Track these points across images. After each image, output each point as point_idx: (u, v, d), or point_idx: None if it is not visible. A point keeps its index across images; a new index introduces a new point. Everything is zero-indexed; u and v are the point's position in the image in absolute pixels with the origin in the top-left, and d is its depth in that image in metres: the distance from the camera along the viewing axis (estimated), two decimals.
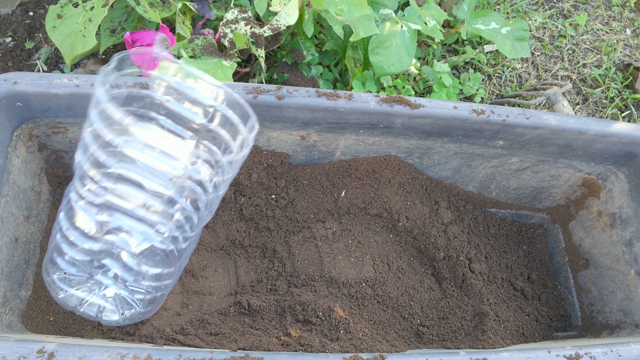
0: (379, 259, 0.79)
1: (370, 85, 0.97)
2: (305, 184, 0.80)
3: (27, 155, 0.66)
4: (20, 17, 1.06)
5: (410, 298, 0.78)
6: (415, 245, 0.83)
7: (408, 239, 0.83)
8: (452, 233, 0.82)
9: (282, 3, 0.80)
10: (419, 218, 0.82)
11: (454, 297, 0.80)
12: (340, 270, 0.77)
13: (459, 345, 0.75)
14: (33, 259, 0.68)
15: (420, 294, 0.79)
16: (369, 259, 0.78)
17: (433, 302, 0.79)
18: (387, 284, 0.77)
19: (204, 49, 0.81)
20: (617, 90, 1.24)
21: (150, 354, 0.52)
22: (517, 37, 1.00)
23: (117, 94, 0.54)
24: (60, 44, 0.81)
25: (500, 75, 1.21)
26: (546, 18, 1.30)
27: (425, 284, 0.80)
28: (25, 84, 0.60)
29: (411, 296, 0.78)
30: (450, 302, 0.79)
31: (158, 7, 0.83)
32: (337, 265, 0.77)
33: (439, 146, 0.75)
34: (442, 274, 0.81)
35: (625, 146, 0.74)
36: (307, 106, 0.65)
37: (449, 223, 0.83)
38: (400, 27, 0.89)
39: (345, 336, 0.67)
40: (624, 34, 1.32)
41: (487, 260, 0.84)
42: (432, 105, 0.68)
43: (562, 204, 0.88)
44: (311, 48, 0.94)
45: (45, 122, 0.65)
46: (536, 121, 0.70)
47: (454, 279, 0.81)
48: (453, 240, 0.82)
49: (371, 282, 0.77)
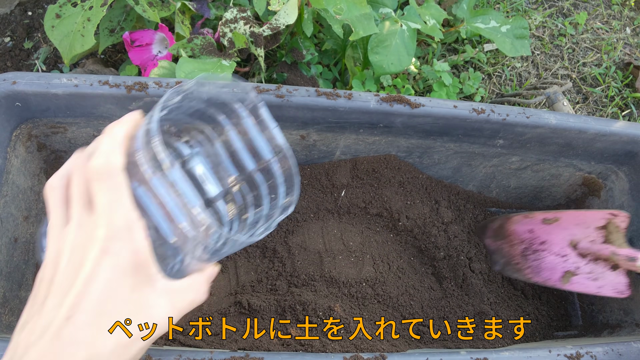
0: (379, 258, 0.79)
1: (369, 85, 0.97)
2: (305, 183, 0.80)
3: (26, 156, 0.66)
4: (18, 17, 1.05)
5: (410, 297, 0.78)
6: (416, 244, 0.83)
7: (408, 238, 0.83)
8: (453, 232, 0.82)
9: (281, 2, 0.80)
10: (419, 217, 0.82)
11: (454, 297, 0.79)
12: (340, 270, 0.77)
13: (460, 345, 0.75)
14: (32, 259, 0.67)
15: (420, 293, 0.79)
16: (369, 259, 0.78)
17: (433, 302, 0.79)
18: (387, 284, 0.77)
19: (203, 49, 0.81)
20: (617, 89, 1.24)
21: (150, 354, 0.52)
22: (517, 36, 0.99)
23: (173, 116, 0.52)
24: (58, 43, 0.81)
25: (500, 74, 1.21)
26: (546, 17, 1.30)
27: (425, 283, 0.80)
28: (24, 83, 0.60)
29: (411, 296, 0.78)
30: (450, 302, 0.79)
31: (157, 7, 0.83)
32: (337, 265, 0.77)
33: (439, 145, 0.75)
34: (443, 273, 0.81)
35: (625, 145, 0.74)
36: (306, 105, 0.65)
37: (450, 222, 0.83)
38: (399, 26, 0.89)
39: (346, 336, 0.67)
40: (624, 32, 1.32)
41: (488, 260, 0.84)
42: (432, 104, 0.68)
43: (563, 203, 0.88)
44: (310, 47, 0.94)
45: (45, 122, 0.65)
46: (536, 120, 0.69)
47: (455, 279, 0.81)
48: (453, 239, 0.82)
49: (371, 281, 0.77)
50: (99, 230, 0.39)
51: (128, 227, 0.40)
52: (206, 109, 0.52)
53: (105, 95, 0.61)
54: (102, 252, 0.39)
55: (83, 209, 0.41)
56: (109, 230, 0.39)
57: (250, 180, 0.54)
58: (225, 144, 0.54)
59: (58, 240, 0.41)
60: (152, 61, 0.88)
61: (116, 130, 0.43)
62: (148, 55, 0.89)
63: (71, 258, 0.39)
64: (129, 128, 0.43)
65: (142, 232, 0.41)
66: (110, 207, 0.40)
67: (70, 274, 0.39)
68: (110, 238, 0.39)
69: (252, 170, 0.53)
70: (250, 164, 0.54)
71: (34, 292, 0.41)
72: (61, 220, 0.42)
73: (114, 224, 0.40)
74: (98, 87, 0.61)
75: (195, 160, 0.56)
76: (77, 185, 0.42)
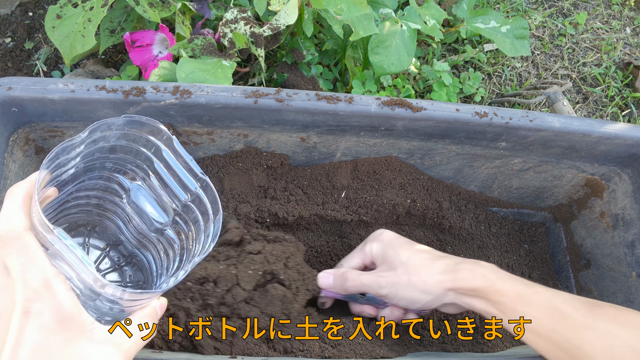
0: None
1: (370, 85, 0.96)
2: (305, 184, 0.80)
3: (24, 160, 0.66)
4: (19, 18, 1.05)
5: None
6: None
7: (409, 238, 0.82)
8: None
9: (282, 3, 0.79)
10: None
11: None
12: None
13: (459, 349, 0.75)
14: None
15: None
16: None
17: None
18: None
19: (204, 49, 0.80)
20: (617, 89, 1.23)
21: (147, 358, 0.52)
22: (517, 36, 0.99)
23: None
24: (59, 44, 0.81)
25: (500, 74, 1.21)
26: (546, 17, 1.29)
27: None
28: (20, 89, 0.59)
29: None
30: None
31: (157, 7, 0.82)
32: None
33: (441, 147, 0.75)
34: None
35: (630, 148, 0.73)
36: (306, 109, 0.65)
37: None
38: (399, 26, 0.88)
39: (345, 341, 0.67)
40: (624, 32, 1.32)
41: (489, 260, 0.84)
42: (434, 107, 0.67)
43: (565, 203, 0.88)
44: (311, 48, 0.93)
45: (42, 127, 0.64)
46: (540, 123, 0.69)
47: None
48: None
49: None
50: (17, 294, 0.39)
51: (46, 284, 0.39)
52: (129, 144, 0.54)
53: (102, 100, 0.61)
54: (24, 315, 0.38)
55: (1, 274, 0.40)
56: (27, 291, 0.39)
57: (186, 209, 0.57)
58: (157, 176, 0.57)
59: None
60: (153, 61, 0.88)
61: (16, 192, 0.42)
62: (149, 56, 0.88)
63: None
64: (29, 187, 0.43)
65: (62, 285, 0.40)
66: (23, 268, 0.39)
67: None
68: (29, 299, 0.39)
69: (186, 200, 0.56)
70: (182, 194, 0.57)
71: None
72: None
73: (30, 284, 0.39)
74: (95, 93, 0.60)
75: (137, 193, 0.59)
76: None
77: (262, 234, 0.70)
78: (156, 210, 0.61)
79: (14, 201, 0.42)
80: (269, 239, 0.69)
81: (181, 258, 0.58)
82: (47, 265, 0.40)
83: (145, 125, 0.52)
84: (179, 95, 0.62)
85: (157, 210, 0.61)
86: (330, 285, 0.68)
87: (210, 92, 0.63)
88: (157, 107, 0.62)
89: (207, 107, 0.63)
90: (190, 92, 0.62)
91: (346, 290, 0.67)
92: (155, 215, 0.61)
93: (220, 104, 0.63)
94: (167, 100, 0.61)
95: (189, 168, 0.54)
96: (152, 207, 0.61)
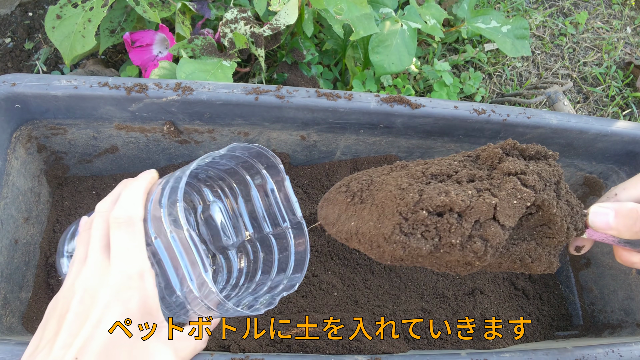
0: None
1: (370, 85, 0.97)
2: (305, 184, 0.80)
3: (26, 157, 0.66)
4: (19, 18, 1.05)
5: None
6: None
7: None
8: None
9: (282, 2, 0.80)
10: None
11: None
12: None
13: (460, 346, 0.75)
14: (33, 261, 0.67)
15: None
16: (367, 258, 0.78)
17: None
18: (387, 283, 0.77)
19: (204, 49, 0.81)
20: (617, 89, 1.24)
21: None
22: (517, 36, 0.99)
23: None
24: (59, 44, 0.81)
25: (501, 74, 1.21)
26: (546, 16, 1.29)
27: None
28: (23, 85, 0.60)
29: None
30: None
31: (157, 7, 0.83)
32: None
33: (440, 145, 0.75)
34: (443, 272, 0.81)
35: (627, 145, 0.73)
36: (307, 106, 0.65)
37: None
38: (400, 26, 0.89)
39: (346, 336, 0.67)
40: (624, 32, 1.32)
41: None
42: (432, 104, 0.67)
43: None
44: (311, 47, 0.94)
45: (44, 124, 0.65)
46: (537, 120, 0.69)
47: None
48: None
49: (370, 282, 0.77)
50: (112, 276, 0.42)
51: (140, 275, 0.42)
52: (236, 167, 0.58)
53: (105, 96, 0.61)
54: (113, 298, 0.41)
55: (99, 251, 0.43)
56: (122, 277, 0.42)
57: (264, 241, 0.58)
58: (247, 202, 0.60)
59: (75, 275, 0.43)
60: (153, 62, 0.88)
61: (137, 185, 0.46)
62: (149, 56, 0.89)
63: (83, 298, 0.41)
64: (147, 184, 0.47)
65: (152, 280, 0.43)
66: (127, 253, 0.43)
67: (80, 315, 0.40)
68: (122, 285, 0.41)
69: (268, 232, 0.57)
70: (267, 226, 0.59)
71: (45, 321, 0.42)
72: (82, 256, 0.44)
73: (127, 271, 0.42)
74: (98, 89, 0.61)
75: (216, 207, 0.61)
76: (97, 229, 0.44)
77: (518, 147, 0.52)
78: (229, 229, 0.62)
79: (136, 192, 0.46)
80: (527, 155, 0.52)
81: (228, 280, 0.60)
82: (146, 258, 0.43)
83: (265, 158, 0.55)
84: (180, 91, 0.62)
85: (230, 230, 0.62)
86: (609, 225, 0.47)
87: (211, 89, 0.63)
88: (159, 104, 0.63)
89: (208, 104, 0.64)
90: (191, 88, 0.62)
91: (638, 233, 0.46)
92: (226, 233, 0.62)
93: (222, 100, 0.63)
94: (169, 96, 0.62)
95: (289, 207, 0.56)
96: (226, 225, 0.62)
